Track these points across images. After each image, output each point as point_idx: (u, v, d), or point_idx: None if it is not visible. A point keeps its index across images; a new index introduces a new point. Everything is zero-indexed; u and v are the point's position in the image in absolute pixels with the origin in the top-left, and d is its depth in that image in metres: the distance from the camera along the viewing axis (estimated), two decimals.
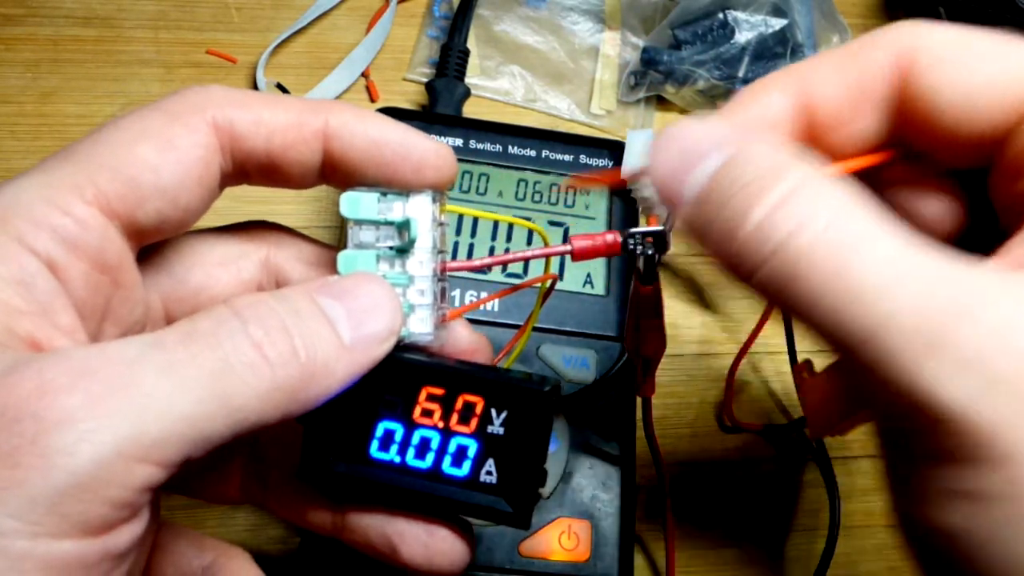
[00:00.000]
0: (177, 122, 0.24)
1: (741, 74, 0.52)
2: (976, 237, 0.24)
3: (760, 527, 0.44)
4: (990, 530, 0.18)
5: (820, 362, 0.31)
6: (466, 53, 0.51)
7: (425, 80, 0.51)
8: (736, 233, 0.20)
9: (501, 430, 0.25)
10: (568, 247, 0.26)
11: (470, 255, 0.42)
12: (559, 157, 0.45)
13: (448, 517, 0.27)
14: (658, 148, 0.23)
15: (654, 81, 0.52)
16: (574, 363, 0.40)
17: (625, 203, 0.44)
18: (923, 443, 0.19)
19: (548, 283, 0.29)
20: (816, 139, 0.24)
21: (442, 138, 0.44)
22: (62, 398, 0.19)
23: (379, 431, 0.26)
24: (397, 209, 0.26)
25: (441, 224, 0.26)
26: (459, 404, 0.25)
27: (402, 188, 0.26)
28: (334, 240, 0.48)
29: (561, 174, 0.44)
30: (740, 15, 0.52)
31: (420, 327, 0.26)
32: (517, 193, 0.44)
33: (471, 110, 0.51)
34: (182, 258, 0.26)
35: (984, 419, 0.18)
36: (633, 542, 0.39)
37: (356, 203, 0.26)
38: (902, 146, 0.24)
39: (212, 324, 0.21)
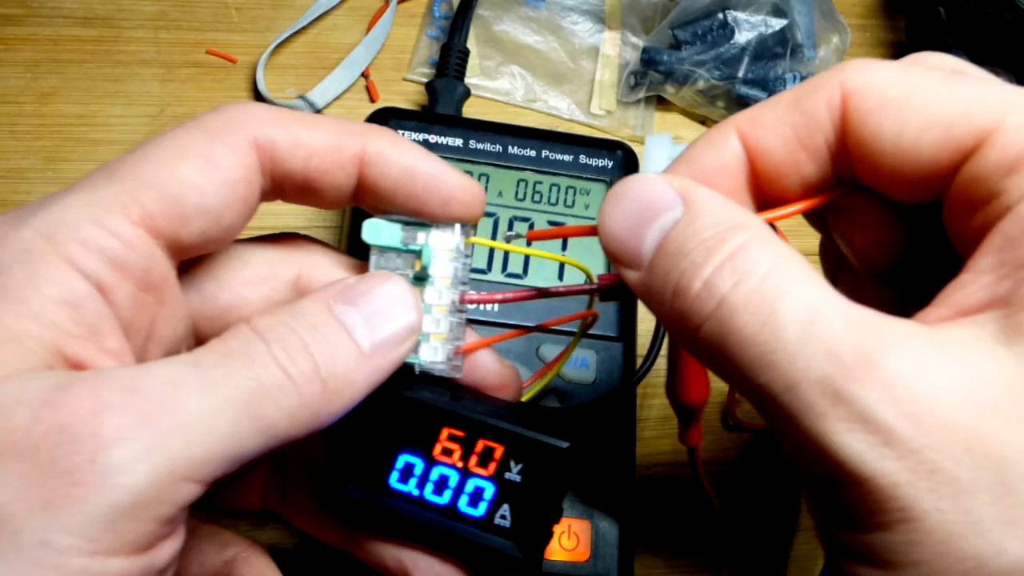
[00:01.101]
0: (219, 141, 0.24)
1: (741, 74, 0.52)
2: (935, 266, 0.24)
3: (765, 526, 0.44)
4: None
5: None
6: (466, 53, 0.51)
7: (425, 80, 0.51)
8: (688, 291, 0.20)
9: (518, 478, 0.25)
10: (595, 285, 0.27)
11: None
12: (559, 157, 0.45)
13: (459, 555, 0.27)
14: (610, 206, 0.23)
15: (654, 81, 0.52)
16: (574, 363, 0.40)
17: None
18: (835, 501, 0.19)
19: (588, 320, 0.30)
20: (765, 184, 0.24)
21: (442, 138, 0.44)
22: (116, 417, 0.19)
23: (399, 463, 0.26)
24: (421, 238, 0.26)
25: (465, 257, 0.26)
26: (479, 447, 0.26)
27: (429, 219, 0.26)
28: (335, 241, 0.48)
29: (561, 174, 0.44)
30: (740, 15, 0.52)
31: (433, 357, 0.26)
32: (517, 193, 0.44)
33: (471, 110, 0.51)
34: (213, 275, 0.26)
35: (882, 477, 0.18)
36: (633, 542, 0.39)
37: (378, 230, 0.26)
38: (850, 183, 0.24)
39: (242, 344, 0.22)
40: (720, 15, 0.52)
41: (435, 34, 0.54)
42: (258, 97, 0.51)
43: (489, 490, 0.26)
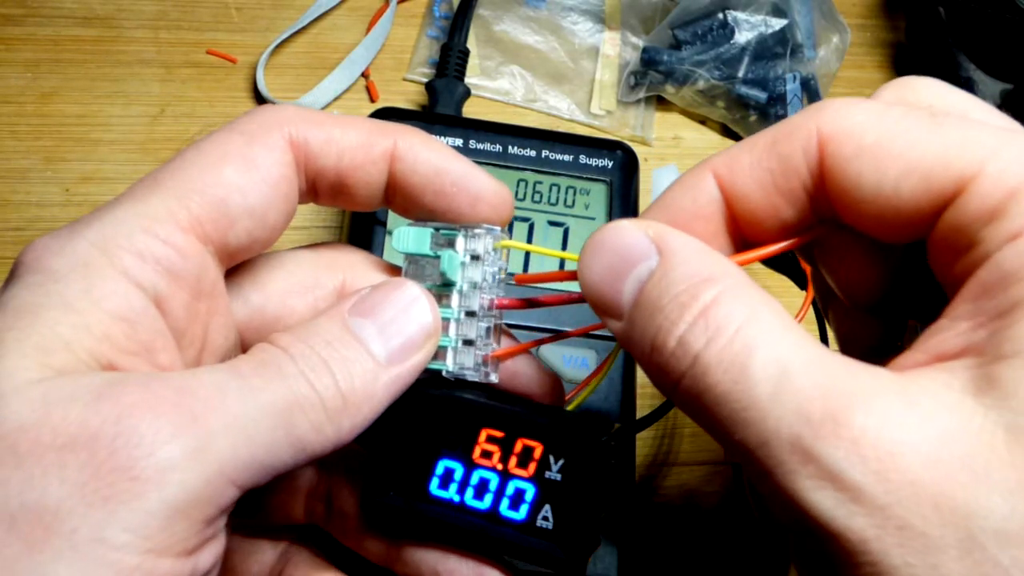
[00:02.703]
0: (256, 142, 0.24)
1: (741, 74, 0.52)
2: (924, 298, 0.24)
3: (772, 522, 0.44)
4: None
5: None
6: (466, 53, 0.51)
7: (425, 80, 0.51)
8: (664, 348, 0.21)
9: (559, 476, 0.25)
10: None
11: None
12: (559, 157, 0.45)
13: (500, 559, 0.27)
14: (587, 256, 0.23)
15: (654, 81, 0.52)
16: (574, 363, 0.40)
17: (624, 203, 0.44)
18: (812, 553, 0.19)
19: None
20: (744, 225, 0.24)
21: (442, 138, 0.44)
22: (165, 418, 0.19)
23: (439, 469, 0.26)
24: (451, 243, 0.26)
25: (496, 261, 0.26)
26: (518, 447, 0.25)
27: (456, 220, 0.26)
28: (334, 240, 0.48)
29: (561, 174, 0.44)
30: (740, 15, 0.52)
31: (462, 362, 0.26)
32: (517, 193, 0.44)
33: (471, 110, 0.51)
34: (258, 286, 0.26)
35: (851, 533, 0.18)
36: (633, 543, 0.39)
37: (406, 237, 0.26)
38: (831, 221, 0.23)
39: (274, 357, 0.22)
40: (720, 15, 0.52)
41: (435, 34, 0.54)
42: (258, 97, 0.51)
43: (530, 491, 0.25)
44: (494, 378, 0.26)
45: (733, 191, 0.23)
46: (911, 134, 0.21)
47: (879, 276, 0.25)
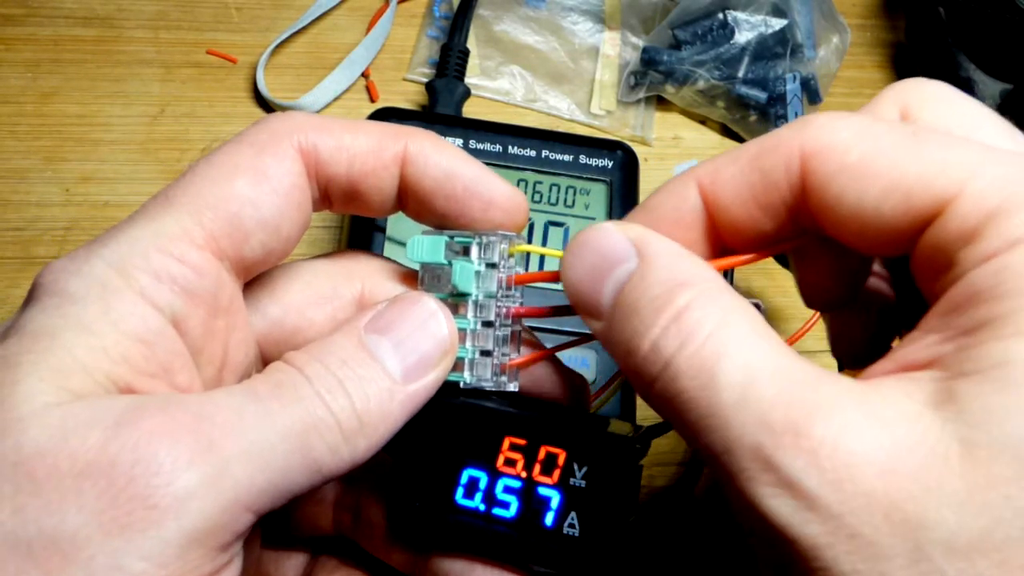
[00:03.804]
0: (266, 152, 0.24)
1: (741, 74, 0.52)
2: (910, 299, 0.24)
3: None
4: None
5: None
6: (466, 53, 0.51)
7: (425, 80, 0.51)
8: (638, 351, 0.21)
9: (583, 483, 0.25)
10: None
11: None
12: (559, 157, 0.45)
13: (527, 568, 0.26)
14: (569, 256, 0.23)
15: (654, 81, 0.52)
16: (574, 363, 0.40)
17: (624, 204, 0.44)
18: (771, 556, 0.20)
19: None
20: (724, 233, 0.24)
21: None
22: (182, 444, 0.19)
23: (464, 478, 0.26)
24: (465, 251, 0.26)
25: (510, 267, 0.26)
26: (541, 455, 0.25)
27: (469, 226, 0.26)
28: (334, 242, 0.48)
29: (561, 174, 0.44)
30: (740, 15, 0.52)
31: (480, 374, 0.26)
32: None
33: (471, 110, 0.51)
34: (275, 298, 0.26)
35: (805, 540, 0.18)
36: (633, 543, 0.39)
37: (420, 246, 0.26)
38: (812, 232, 0.24)
39: (290, 377, 0.22)
40: (720, 15, 0.52)
41: (435, 34, 0.54)
42: (258, 97, 0.51)
43: (555, 499, 0.25)
44: (513, 387, 0.26)
45: (715, 201, 0.24)
46: (893, 152, 0.21)
47: (843, 283, 0.25)
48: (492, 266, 0.26)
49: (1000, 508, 0.17)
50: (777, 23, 0.52)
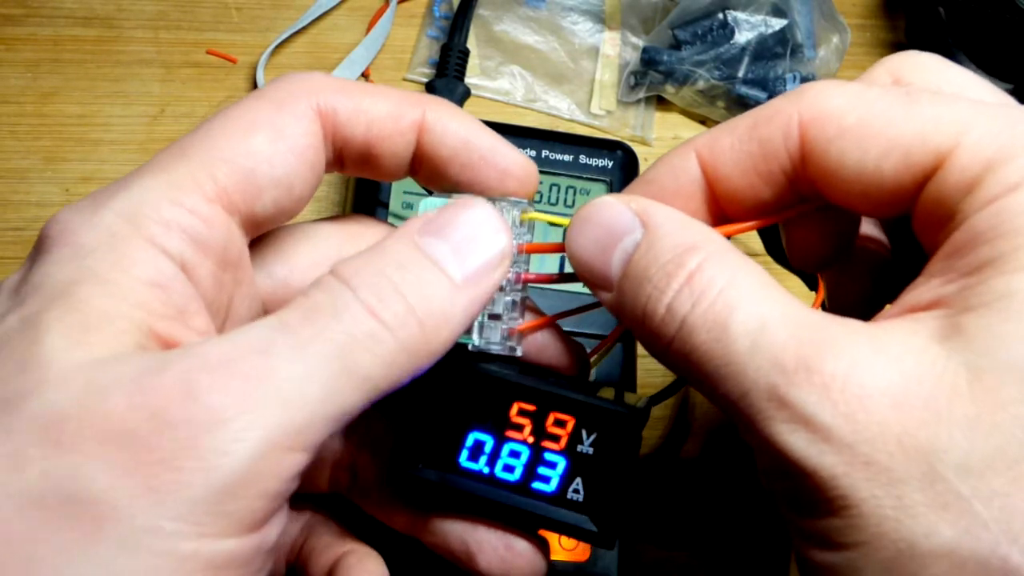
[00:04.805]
0: (284, 110, 0.24)
1: (741, 74, 0.52)
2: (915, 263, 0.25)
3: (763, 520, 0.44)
4: (853, 571, 0.19)
5: None
6: (466, 53, 0.51)
7: (425, 80, 0.51)
8: (655, 315, 0.22)
9: (590, 450, 0.25)
10: None
11: None
12: (559, 157, 0.45)
13: (530, 531, 0.27)
14: (574, 231, 0.24)
15: (654, 81, 0.52)
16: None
17: None
18: (791, 492, 0.20)
19: None
20: (724, 203, 0.25)
21: None
22: (212, 397, 0.19)
23: (469, 441, 0.26)
24: None
25: (523, 234, 0.26)
26: (549, 421, 0.26)
27: (483, 193, 0.26)
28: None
29: (561, 174, 0.44)
30: (740, 15, 0.52)
31: (488, 336, 0.26)
32: None
33: (471, 110, 0.51)
34: (282, 258, 0.26)
35: (823, 470, 0.19)
36: (633, 543, 0.39)
37: (433, 207, 0.26)
38: (813, 200, 0.24)
39: (328, 297, 0.21)
40: (720, 15, 0.52)
41: (435, 34, 0.54)
42: None
43: (561, 464, 0.25)
44: (519, 351, 0.26)
45: (714, 171, 0.24)
46: (889, 113, 0.21)
47: (831, 244, 0.26)
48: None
49: (1010, 427, 0.18)
50: (777, 23, 0.52)
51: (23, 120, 0.49)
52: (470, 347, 0.26)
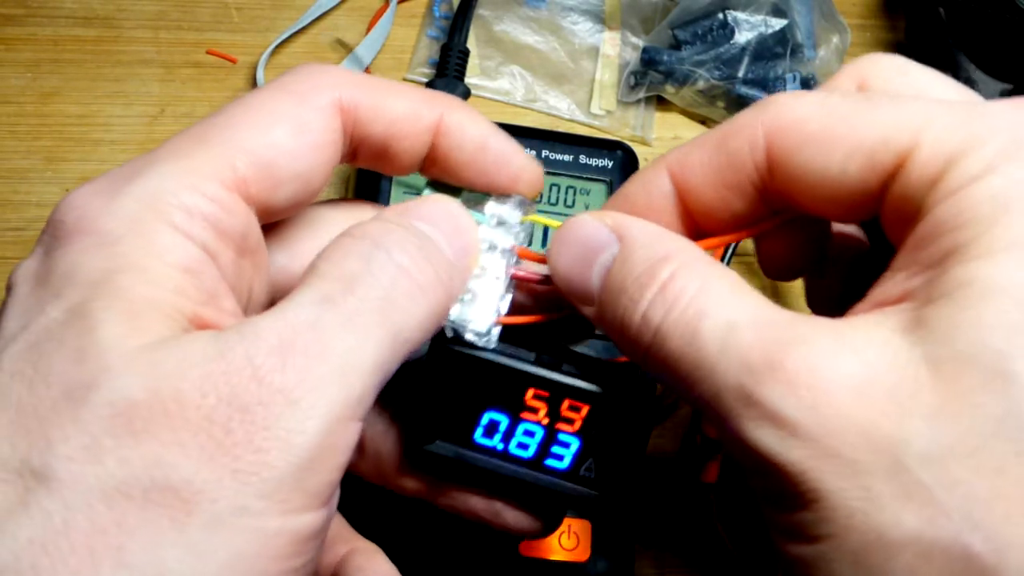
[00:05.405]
0: (306, 104, 0.24)
1: (741, 74, 0.52)
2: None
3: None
4: (825, 563, 0.19)
5: None
6: (466, 53, 0.51)
7: (425, 80, 0.51)
8: (631, 325, 0.22)
9: (604, 433, 0.26)
10: None
11: None
12: (559, 157, 0.45)
13: (541, 504, 0.28)
14: (555, 250, 0.25)
15: (654, 81, 0.52)
16: None
17: None
18: (766, 487, 0.21)
19: None
20: (698, 217, 0.25)
21: None
22: (279, 377, 0.19)
23: (484, 419, 0.27)
24: (480, 207, 0.27)
25: (519, 232, 0.27)
26: (564, 406, 0.26)
27: (492, 192, 0.27)
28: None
29: (561, 174, 0.44)
30: (740, 15, 0.52)
31: (476, 318, 0.26)
32: None
33: None
34: (286, 243, 0.26)
35: (791, 464, 0.19)
36: (633, 542, 0.39)
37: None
38: (787, 211, 0.25)
39: (362, 262, 0.22)
40: (720, 15, 0.52)
41: (435, 34, 0.54)
42: None
43: (574, 445, 0.26)
44: (493, 345, 0.27)
45: (685, 186, 0.25)
46: (850, 118, 0.22)
47: (802, 254, 0.27)
48: (502, 224, 0.27)
49: (970, 416, 0.18)
50: (777, 23, 0.52)
51: (23, 120, 0.49)
52: (449, 327, 0.26)
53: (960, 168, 0.20)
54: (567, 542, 0.37)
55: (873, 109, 0.22)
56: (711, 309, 0.21)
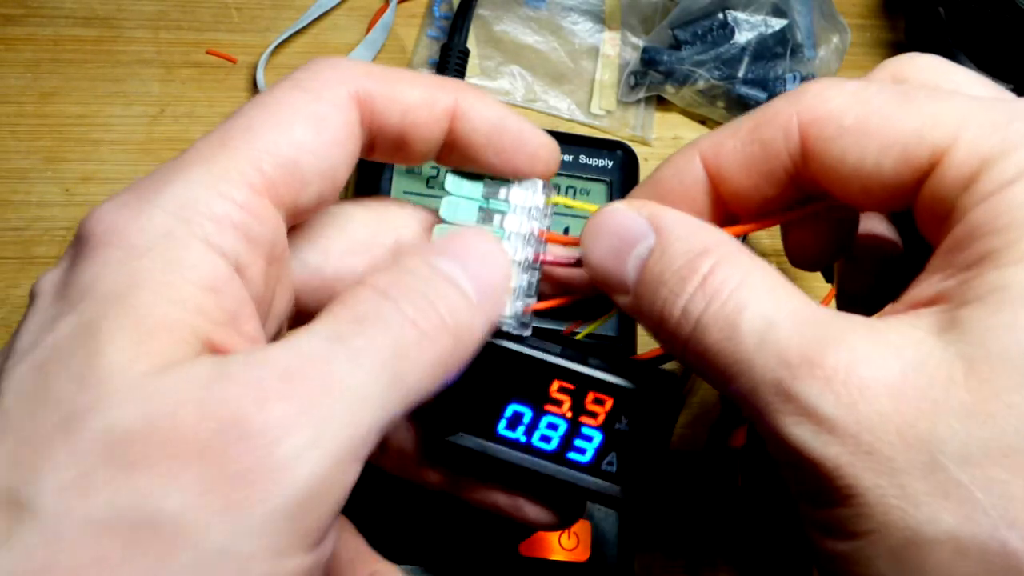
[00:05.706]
0: (323, 99, 0.23)
1: (741, 74, 0.52)
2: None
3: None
4: (864, 558, 0.20)
5: None
6: (466, 53, 0.51)
7: None
8: (671, 318, 0.22)
9: (627, 427, 0.26)
10: None
11: None
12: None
13: (562, 498, 0.28)
14: (589, 240, 0.25)
15: (654, 81, 0.52)
16: None
17: None
18: (801, 483, 0.21)
19: None
20: (730, 203, 0.26)
21: None
22: (280, 407, 0.18)
23: (508, 411, 0.27)
24: (502, 193, 0.27)
25: (544, 216, 0.27)
26: (588, 399, 0.26)
27: (511, 175, 0.27)
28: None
29: (561, 174, 0.44)
30: (740, 15, 0.52)
31: (509, 308, 0.26)
32: None
33: None
34: (314, 245, 0.26)
35: (828, 460, 0.20)
36: (633, 542, 0.39)
37: (460, 182, 0.27)
38: (822, 198, 0.25)
39: (372, 307, 0.21)
40: (720, 15, 0.52)
41: (435, 34, 0.54)
42: None
43: (597, 439, 0.26)
44: (528, 331, 0.26)
45: (718, 172, 0.25)
46: (886, 111, 0.22)
47: (829, 243, 0.27)
48: (534, 211, 0.27)
49: (1005, 416, 0.18)
50: (777, 23, 0.52)
51: (23, 120, 0.49)
52: None
53: (996, 170, 0.20)
54: (567, 542, 0.37)
55: (910, 103, 0.22)
56: (751, 303, 0.21)
